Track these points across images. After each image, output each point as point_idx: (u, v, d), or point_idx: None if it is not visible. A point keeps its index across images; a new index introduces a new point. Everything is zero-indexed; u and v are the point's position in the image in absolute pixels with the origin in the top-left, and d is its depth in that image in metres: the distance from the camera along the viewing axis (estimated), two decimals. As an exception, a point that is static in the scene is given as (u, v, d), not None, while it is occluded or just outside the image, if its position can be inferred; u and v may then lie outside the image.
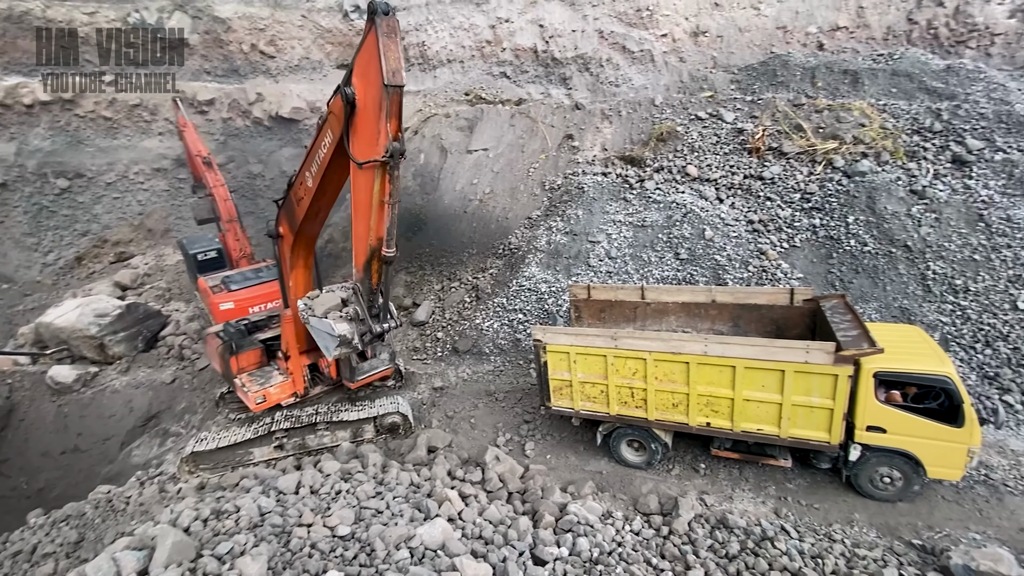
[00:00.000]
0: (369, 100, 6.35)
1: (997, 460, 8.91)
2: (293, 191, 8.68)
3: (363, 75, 6.34)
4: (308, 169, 8.00)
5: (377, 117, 6.25)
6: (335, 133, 6.93)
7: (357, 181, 7.01)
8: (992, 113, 13.75)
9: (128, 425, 14.49)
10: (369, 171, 6.69)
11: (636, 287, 11.23)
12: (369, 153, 6.53)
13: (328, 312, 8.17)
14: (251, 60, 20.58)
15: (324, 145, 7.32)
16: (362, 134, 6.59)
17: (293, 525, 6.67)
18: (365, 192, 6.92)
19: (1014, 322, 10.62)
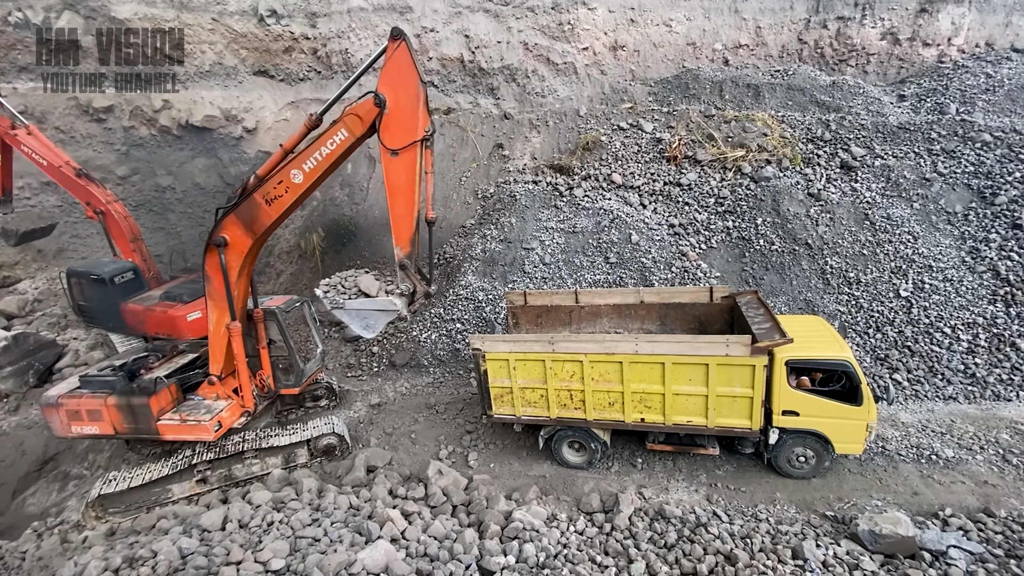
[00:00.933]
0: (403, 98, 7.64)
1: (891, 433, 9.97)
2: (263, 192, 8.35)
3: (394, 81, 7.62)
4: (299, 166, 8.16)
5: (413, 109, 7.61)
6: (353, 132, 7.86)
7: (393, 167, 7.84)
8: (871, 124, 15.50)
9: (20, 471, 12.80)
10: (409, 152, 7.76)
11: (570, 291, 11.54)
12: (408, 137, 7.70)
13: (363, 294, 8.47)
14: (155, 65, 19.09)
15: (333, 143, 7.99)
16: (397, 126, 7.71)
17: (220, 565, 6.21)
18: (405, 172, 7.82)
19: (898, 308, 11.98)
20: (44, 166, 14.53)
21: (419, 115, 7.63)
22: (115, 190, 20.31)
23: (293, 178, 8.25)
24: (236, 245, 8.77)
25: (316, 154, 8.08)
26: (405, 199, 7.93)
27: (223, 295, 9.05)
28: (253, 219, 8.59)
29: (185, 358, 10.76)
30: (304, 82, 20.68)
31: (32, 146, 14.55)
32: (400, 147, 7.71)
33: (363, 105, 7.76)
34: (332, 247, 17.33)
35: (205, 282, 9.09)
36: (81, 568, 5.99)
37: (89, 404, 9.56)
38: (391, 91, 7.64)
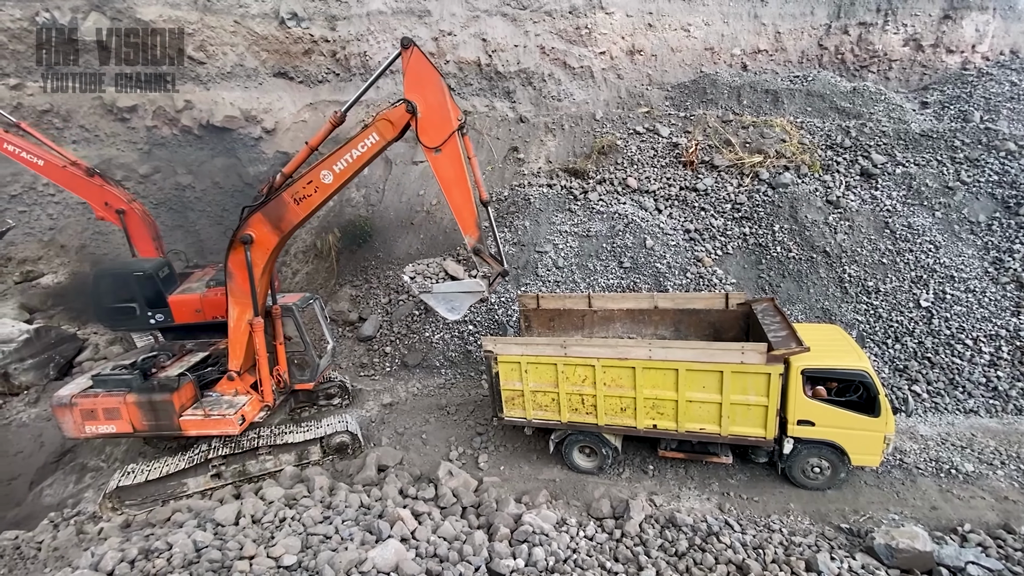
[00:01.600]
0: (431, 99, 7.91)
1: (909, 445, 9.78)
2: (292, 191, 8.55)
3: (418, 86, 7.90)
4: (329, 167, 8.39)
5: (443, 105, 7.90)
6: (384, 136, 8.22)
7: (440, 163, 8.09)
8: (892, 131, 15.26)
9: (38, 462, 13.09)
10: (450, 144, 7.99)
11: (583, 295, 11.51)
12: (445, 131, 7.94)
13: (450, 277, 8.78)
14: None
15: (364, 146, 8.31)
16: (432, 125, 7.97)
17: (233, 559, 6.27)
18: (452, 164, 8.06)
19: (918, 319, 11.76)
20: (39, 167, 13.93)
21: (448, 108, 7.90)
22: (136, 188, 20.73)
23: (323, 179, 8.45)
24: (262, 242, 8.92)
25: (347, 156, 8.33)
26: (460, 189, 8.16)
27: (246, 292, 9.19)
28: (280, 217, 8.75)
29: (196, 356, 10.92)
30: (322, 84, 20.93)
31: (21, 145, 13.81)
32: (440, 143, 7.97)
33: (395, 111, 8.06)
34: (348, 247, 17.48)
35: (228, 279, 9.23)
36: (98, 559, 6.09)
37: (106, 403, 9.65)
38: (418, 95, 7.91)
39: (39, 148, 13.99)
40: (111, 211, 14.52)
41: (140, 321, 12.88)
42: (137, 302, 12.68)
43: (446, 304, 8.85)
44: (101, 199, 14.44)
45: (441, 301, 8.87)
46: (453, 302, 8.81)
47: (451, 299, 8.81)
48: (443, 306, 8.89)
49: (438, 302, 8.89)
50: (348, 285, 16.54)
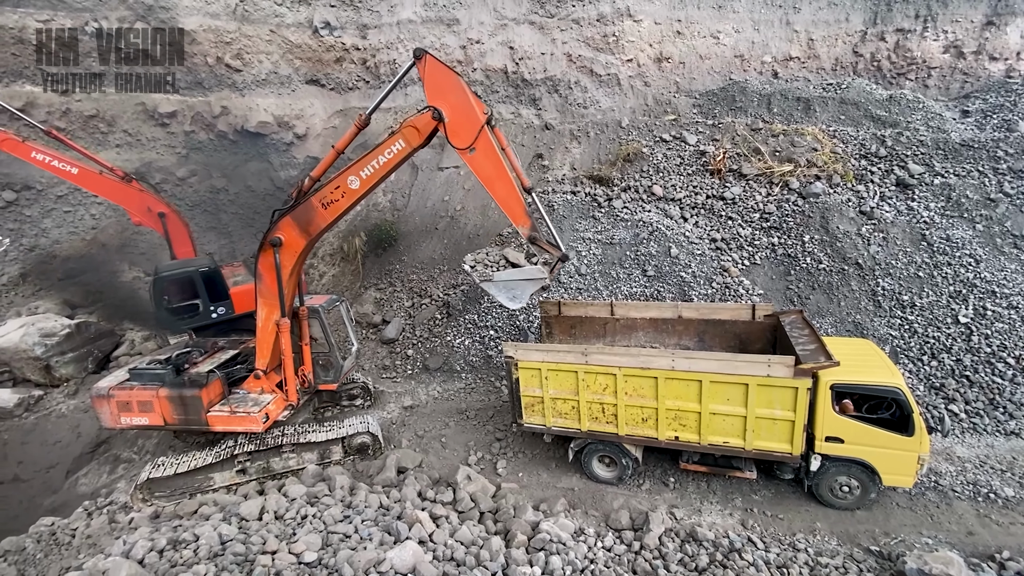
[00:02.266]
0: (454, 101, 7.98)
1: (945, 467, 9.39)
2: (320, 196, 8.77)
3: (439, 93, 8.00)
4: (356, 173, 8.56)
5: (467, 104, 7.96)
6: (410, 143, 8.32)
7: (477, 161, 8.14)
8: (930, 140, 14.78)
9: (75, 452, 13.64)
10: (482, 140, 8.02)
11: (605, 303, 11.44)
12: (473, 130, 7.99)
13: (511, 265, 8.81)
14: (216, 73, 20.19)
15: (390, 152, 8.43)
16: (461, 126, 8.03)
17: (256, 553, 6.41)
18: (489, 159, 8.10)
19: (956, 335, 11.31)
20: (73, 175, 13.92)
21: (473, 106, 7.97)
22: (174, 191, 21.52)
23: (350, 184, 8.63)
24: (290, 245, 9.15)
25: (374, 162, 8.47)
26: (502, 182, 8.19)
27: (274, 293, 9.43)
28: (309, 221, 8.96)
29: (226, 354, 11.23)
30: (353, 91, 21.41)
31: (51, 154, 13.65)
32: (472, 141, 8.03)
33: (421, 118, 8.15)
34: (373, 251, 17.77)
35: (257, 280, 9.49)
36: (129, 546, 6.31)
37: (140, 396, 10.04)
38: (441, 100, 8.00)
39: (69, 156, 13.99)
40: (152, 216, 14.98)
41: (204, 317, 13.12)
42: (201, 298, 12.99)
43: (507, 293, 8.78)
44: (143, 204, 14.86)
45: (502, 290, 8.81)
46: (514, 290, 8.74)
47: (512, 287, 8.75)
48: (504, 295, 8.81)
49: (499, 291, 8.83)
50: (373, 288, 16.79)
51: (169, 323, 12.90)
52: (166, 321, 12.80)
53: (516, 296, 8.74)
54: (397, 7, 20.19)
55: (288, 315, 9.73)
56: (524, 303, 8.86)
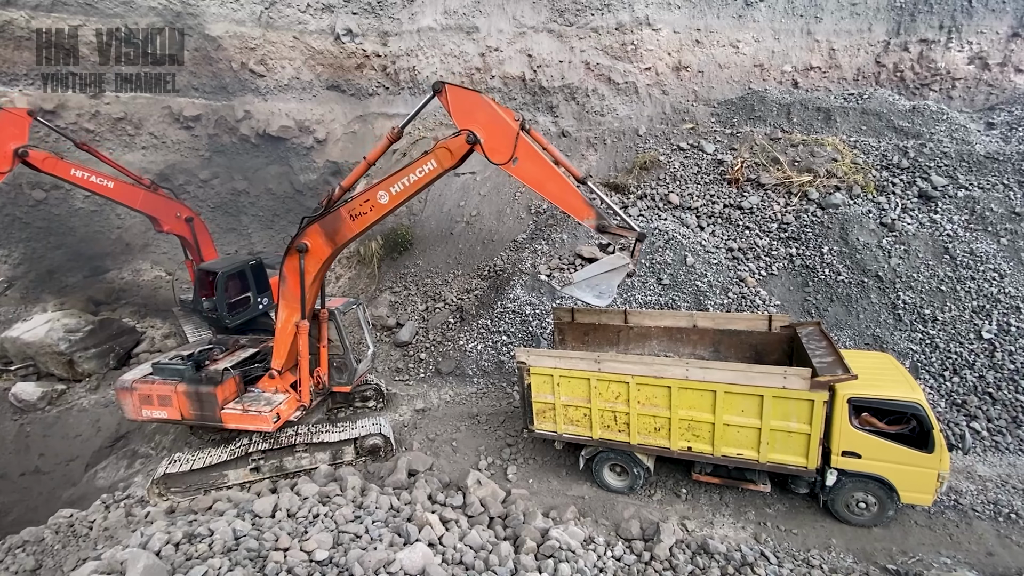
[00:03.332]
0: (484, 120, 8.05)
1: (965, 485, 9.16)
2: (349, 207, 8.89)
3: (467, 116, 8.09)
4: (387, 188, 8.64)
5: (497, 119, 8.00)
6: (442, 164, 8.36)
7: (522, 170, 8.11)
8: (954, 152, 14.52)
9: (94, 446, 13.95)
10: (521, 147, 7.98)
11: (619, 311, 11.40)
12: (509, 141, 7.99)
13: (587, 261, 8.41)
14: (240, 78, 20.66)
15: (422, 171, 8.47)
16: (496, 142, 8.07)
17: (269, 549, 6.49)
18: (533, 163, 8.06)
19: (979, 351, 11.05)
20: (109, 190, 14.15)
21: (503, 118, 7.98)
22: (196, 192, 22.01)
23: (379, 199, 8.73)
24: (316, 252, 9.28)
25: (405, 179, 8.54)
26: (552, 181, 8.12)
27: (296, 296, 9.59)
28: (336, 231, 9.10)
29: (246, 352, 11.42)
30: (372, 97, 21.74)
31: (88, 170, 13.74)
32: (512, 153, 8.05)
33: (455, 141, 8.20)
34: (389, 255, 17.95)
35: (281, 282, 9.66)
36: (146, 539, 6.44)
37: (160, 390, 10.28)
38: (472, 122, 8.08)
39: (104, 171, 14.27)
40: (181, 221, 15.36)
41: (253, 309, 13.43)
42: (251, 291, 13.34)
43: (593, 291, 8.50)
44: (172, 211, 15.28)
45: (586, 289, 8.54)
46: (599, 286, 8.48)
47: (596, 283, 8.49)
48: (590, 294, 8.52)
49: (584, 291, 8.57)
50: (388, 291, 16.95)
51: (229, 317, 12.92)
52: (227, 316, 12.81)
53: (603, 291, 8.45)
54: (417, 15, 20.49)
55: (308, 317, 9.86)
56: (613, 296, 8.56)
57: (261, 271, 13.71)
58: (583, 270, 8.62)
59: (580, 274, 8.64)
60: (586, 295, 8.58)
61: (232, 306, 12.91)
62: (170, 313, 18.03)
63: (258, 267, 13.64)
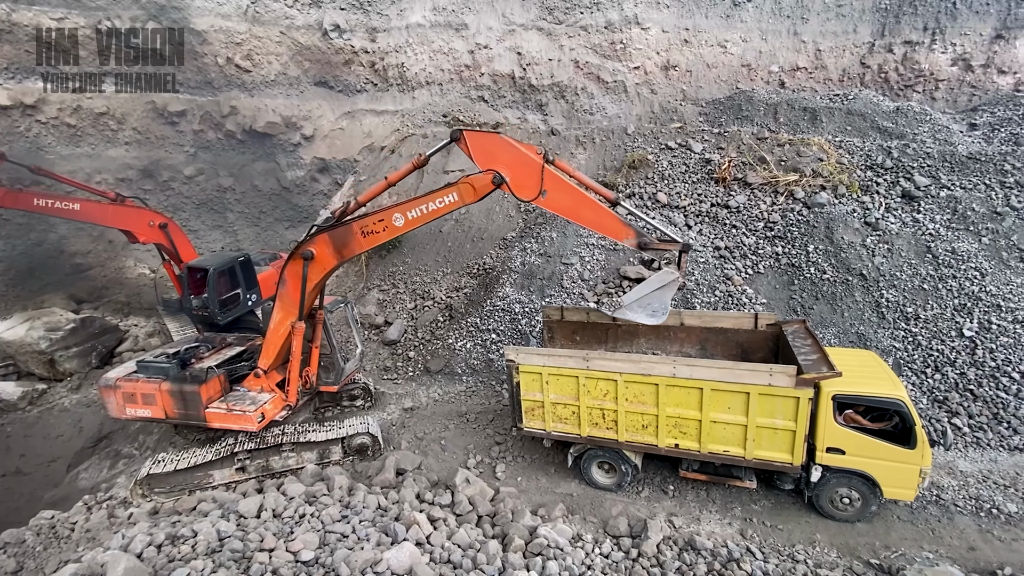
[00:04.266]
0: (508, 160, 8.14)
1: (947, 481, 9.31)
2: (362, 224, 8.80)
3: (490, 158, 8.17)
4: (403, 212, 8.59)
5: (520, 156, 8.08)
6: (464, 199, 8.39)
7: (553, 202, 8.18)
8: (937, 153, 14.75)
9: (76, 446, 13.71)
10: (549, 180, 8.05)
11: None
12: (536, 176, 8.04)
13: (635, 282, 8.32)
14: (226, 73, 20.38)
15: (441, 202, 8.48)
16: (522, 181, 8.14)
17: (254, 550, 6.42)
18: (563, 192, 8.12)
19: (960, 348, 11.24)
20: (76, 212, 14.07)
21: (526, 154, 8.01)
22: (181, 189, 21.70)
23: (395, 221, 8.67)
24: (321, 261, 9.17)
25: (423, 207, 8.52)
26: (585, 208, 8.17)
27: (294, 300, 9.49)
28: (345, 244, 9.02)
29: (233, 350, 11.28)
30: (361, 93, 21.57)
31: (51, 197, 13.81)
32: (540, 187, 8.08)
33: (480, 178, 8.23)
34: (377, 253, 17.83)
35: (280, 284, 9.52)
36: (128, 541, 6.33)
37: (144, 388, 10.12)
38: (495, 163, 8.15)
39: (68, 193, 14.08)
40: (155, 230, 15.01)
41: (243, 306, 13.26)
42: (241, 288, 13.17)
43: (645, 311, 8.44)
44: (144, 221, 14.82)
45: (639, 310, 8.48)
46: (651, 304, 8.41)
47: (648, 302, 8.43)
48: (643, 314, 8.46)
49: (636, 312, 8.51)
50: (376, 289, 16.85)
51: (221, 314, 12.73)
52: (218, 313, 12.64)
53: (656, 309, 8.41)
54: (406, 11, 20.36)
55: (304, 318, 9.78)
56: (667, 312, 8.52)
57: (249, 268, 13.56)
58: (632, 291, 8.52)
59: (630, 296, 8.55)
60: (639, 316, 8.52)
61: (223, 303, 12.72)
62: (154, 311, 17.76)
63: (247, 264, 13.48)
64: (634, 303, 8.49)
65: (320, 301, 10.57)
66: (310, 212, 22.10)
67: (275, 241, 22.42)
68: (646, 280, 8.45)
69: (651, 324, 8.56)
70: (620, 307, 8.57)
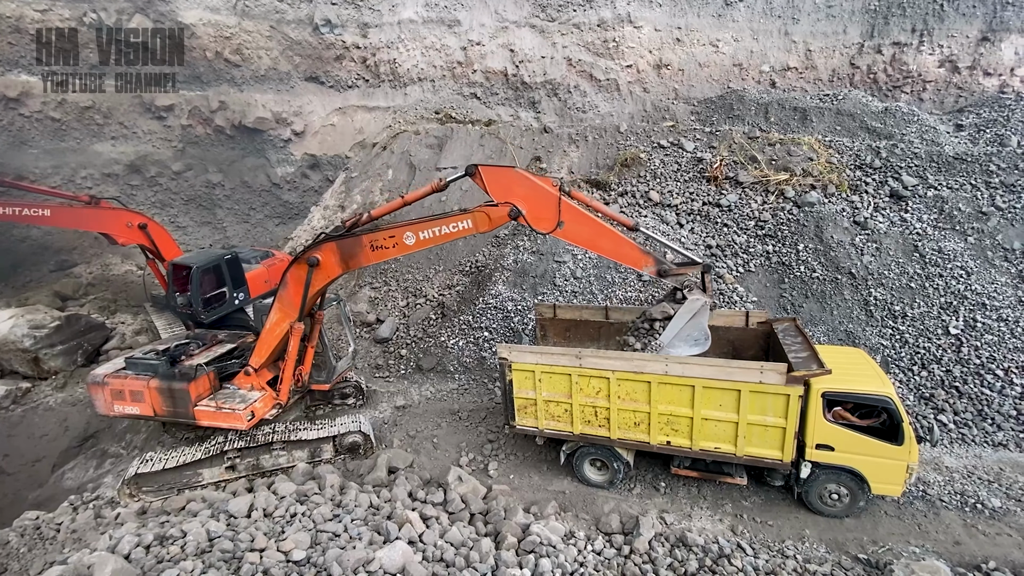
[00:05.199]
0: (524, 193, 8.24)
1: (933, 476, 9.46)
2: (372, 238, 8.79)
3: (506, 192, 8.29)
4: (415, 232, 8.65)
5: (537, 189, 8.16)
6: (477, 227, 8.48)
7: (570, 232, 8.33)
8: (924, 153, 14.93)
9: (62, 446, 13.49)
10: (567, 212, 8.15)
11: (600, 307, 11.45)
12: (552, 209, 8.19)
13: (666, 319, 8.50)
14: (215, 68, 20.12)
15: (455, 227, 8.61)
16: (539, 213, 8.29)
17: (244, 550, 6.36)
18: (580, 224, 8.27)
19: (946, 346, 11.41)
20: (47, 218, 13.78)
21: (543, 187, 8.10)
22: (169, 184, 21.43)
23: (405, 239, 8.73)
24: (326, 269, 9.12)
25: (436, 229, 8.61)
26: (604, 238, 8.30)
27: (294, 304, 9.41)
28: (352, 255, 9.01)
29: (223, 348, 11.15)
30: (352, 89, 21.40)
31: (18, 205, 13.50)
32: (557, 219, 8.21)
33: (497, 210, 8.36)
34: (368, 249, 17.72)
35: (281, 286, 9.42)
36: (115, 542, 6.24)
37: (133, 385, 9.99)
38: (511, 196, 8.28)
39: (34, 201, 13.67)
40: (134, 230, 14.73)
41: (229, 304, 13.02)
42: (227, 286, 12.92)
43: (686, 343, 8.49)
44: (122, 222, 14.51)
45: (680, 344, 8.53)
46: (691, 335, 8.49)
47: (686, 334, 8.49)
48: (685, 347, 8.50)
49: (679, 348, 8.55)
50: (368, 287, 16.75)
51: (205, 312, 12.46)
52: (202, 311, 12.36)
53: (696, 338, 8.47)
54: (398, 6, 20.22)
55: (303, 319, 9.71)
56: (709, 337, 8.57)
57: (237, 266, 13.35)
58: (668, 329, 8.54)
59: (667, 334, 8.55)
60: (683, 349, 8.55)
61: (207, 301, 12.51)
62: (141, 308, 17.53)
63: (233, 261, 13.26)
64: (674, 339, 8.54)
65: (321, 303, 10.49)
66: (300, 209, 21.91)
67: (265, 238, 22.20)
68: (677, 314, 8.48)
69: (697, 351, 8.57)
70: (662, 347, 8.60)
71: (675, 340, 8.44)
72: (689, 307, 8.26)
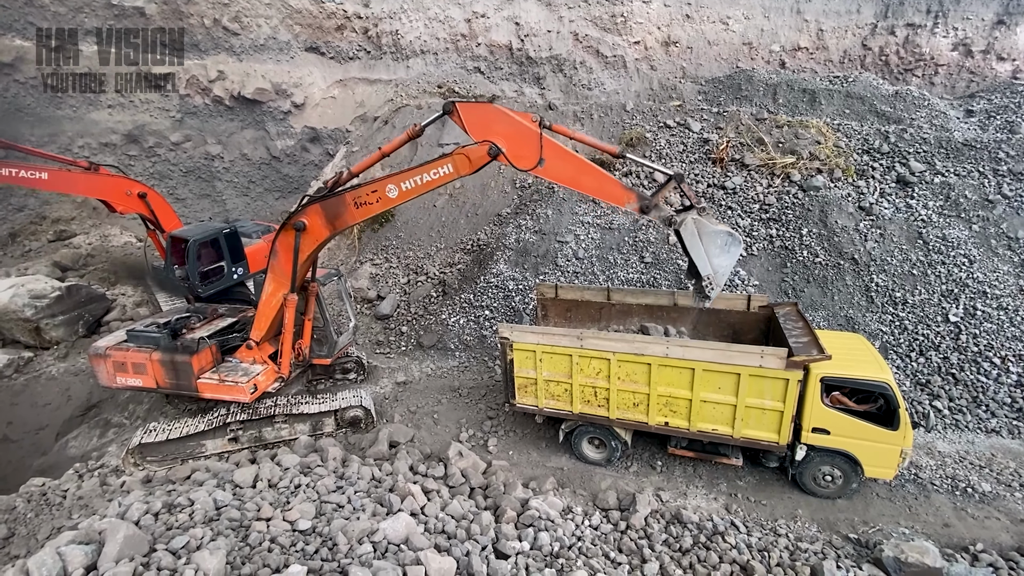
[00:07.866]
0: (503, 130, 7.95)
1: (925, 461, 9.63)
2: (355, 195, 8.60)
3: (484, 129, 7.99)
4: (397, 183, 8.40)
5: (516, 125, 7.87)
6: (459, 170, 8.22)
7: (550, 169, 7.99)
8: (933, 139, 14.77)
9: (65, 415, 13.61)
10: (548, 148, 7.84)
11: (602, 288, 11.47)
12: (533, 144, 7.83)
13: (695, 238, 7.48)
14: (213, 36, 19.66)
15: (436, 173, 8.32)
16: (519, 151, 7.95)
17: (251, 519, 6.49)
18: (562, 161, 7.97)
19: (945, 333, 11.49)
20: (44, 181, 13.64)
21: (522, 123, 7.85)
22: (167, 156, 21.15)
23: (388, 192, 8.49)
24: (313, 232, 9.01)
25: (417, 178, 8.34)
26: (585, 175, 7.99)
27: (286, 272, 9.36)
28: (337, 215, 8.85)
29: (224, 321, 11.18)
30: (353, 61, 20.97)
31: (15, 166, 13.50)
32: (538, 156, 7.92)
33: (475, 150, 8.05)
34: (370, 226, 17.64)
35: (272, 256, 9.36)
36: (125, 509, 6.35)
37: (135, 358, 10.04)
38: (490, 134, 7.98)
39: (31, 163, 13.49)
40: (133, 199, 14.52)
41: (227, 279, 12.96)
42: (225, 260, 12.83)
43: (724, 254, 7.40)
44: (120, 189, 14.31)
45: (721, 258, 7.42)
46: (716, 247, 7.41)
47: (715, 252, 7.43)
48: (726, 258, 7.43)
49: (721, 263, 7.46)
50: (369, 263, 16.71)
51: (202, 287, 12.39)
52: (199, 285, 12.31)
53: (722, 244, 7.37)
54: (402, -25, 19.67)
55: (296, 290, 9.69)
56: (732, 232, 7.41)
57: (236, 239, 13.25)
58: (699, 266, 7.56)
59: (703, 269, 7.52)
60: (727, 261, 7.50)
61: (204, 275, 12.44)
62: (142, 280, 17.47)
63: (232, 235, 13.16)
64: (711, 264, 7.49)
65: (313, 273, 10.46)
66: (300, 183, 21.70)
67: (264, 212, 22.04)
68: (689, 249, 7.53)
69: (735, 241, 7.44)
70: (714, 283, 7.58)
71: (712, 264, 7.49)
72: (690, 233, 7.42)
